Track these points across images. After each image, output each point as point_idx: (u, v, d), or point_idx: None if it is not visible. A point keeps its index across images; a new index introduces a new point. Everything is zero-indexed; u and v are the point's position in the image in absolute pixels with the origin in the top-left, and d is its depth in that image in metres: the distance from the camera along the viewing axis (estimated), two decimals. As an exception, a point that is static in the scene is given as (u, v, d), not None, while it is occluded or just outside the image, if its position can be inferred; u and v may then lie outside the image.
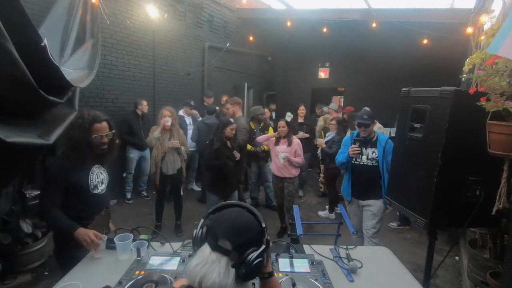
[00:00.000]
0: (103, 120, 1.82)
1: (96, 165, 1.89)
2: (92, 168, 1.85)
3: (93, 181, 1.84)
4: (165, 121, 3.57)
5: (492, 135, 1.44)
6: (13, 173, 2.59)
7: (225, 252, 0.79)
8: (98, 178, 1.89)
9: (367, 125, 2.68)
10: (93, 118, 1.78)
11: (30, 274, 2.89)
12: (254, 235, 0.85)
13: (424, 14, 6.12)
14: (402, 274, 1.56)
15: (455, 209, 1.64)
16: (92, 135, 1.77)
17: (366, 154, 2.71)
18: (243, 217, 0.87)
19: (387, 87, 6.95)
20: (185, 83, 6.58)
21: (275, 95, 9.54)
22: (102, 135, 1.80)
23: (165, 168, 3.65)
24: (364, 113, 2.78)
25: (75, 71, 3.10)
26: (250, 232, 0.84)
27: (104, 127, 1.82)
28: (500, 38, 1.33)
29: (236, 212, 0.89)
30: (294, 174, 3.74)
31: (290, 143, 3.71)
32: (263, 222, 0.88)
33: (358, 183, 2.78)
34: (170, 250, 1.67)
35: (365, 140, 2.73)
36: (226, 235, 0.81)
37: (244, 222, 0.85)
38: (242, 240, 0.81)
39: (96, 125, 1.78)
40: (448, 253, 2.12)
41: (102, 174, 1.93)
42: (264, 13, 7.90)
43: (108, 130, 1.85)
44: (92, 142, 1.77)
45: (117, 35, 5.05)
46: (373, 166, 2.68)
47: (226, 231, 0.82)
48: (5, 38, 1.64)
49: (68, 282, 1.32)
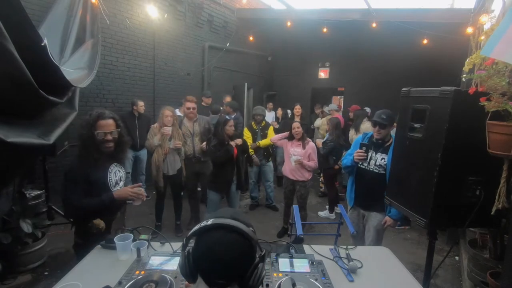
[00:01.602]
0: (109, 117, 1.83)
1: (114, 163, 1.93)
2: (110, 167, 1.89)
3: (112, 180, 1.88)
4: (166, 130, 3.52)
5: (492, 135, 1.44)
6: (13, 173, 2.59)
7: (223, 286, 0.76)
8: (116, 176, 1.93)
9: (383, 126, 2.34)
10: (98, 115, 1.81)
11: (30, 274, 2.89)
12: (247, 259, 0.78)
13: (424, 14, 6.12)
14: (402, 274, 1.56)
15: (455, 209, 1.63)
16: (96, 131, 1.78)
17: (375, 159, 2.39)
18: (229, 246, 0.77)
19: (387, 87, 6.95)
20: (185, 83, 6.58)
21: (275, 95, 9.54)
22: (105, 132, 1.80)
23: (166, 169, 3.65)
24: (383, 111, 2.38)
25: (75, 71, 3.10)
26: (242, 259, 0.78)
27: (109, 124, 1.83)
28: (494, 41, 1.33)
29: (220, 243, 0.77)
30: (307, 178, 3.70)
31: (304, 146, 3.67)
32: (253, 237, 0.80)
33: (362, 190, 2.51)
34: (170, 250, 1.67)
35: (377, 144, 2.41)
36: (218, 273, 0.76)
37: (233, 252, 0.76)
38: (237, 272, 0.77)
39: (100, 121, 1.80)
40: (448, 253, 2.12)
41: (120, 172, 1.97)
42: (264, 13, 7.90)
43: (114, 128, 1.85)
44: (96, 138, 1.78)
45: (117, 35, 5.05)
46: (380, 174, 2.36)
47: (217, 271, 0.76)
48: (5, 38, 1.64)
49: (68, 282, 1.32)
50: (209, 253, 0.77)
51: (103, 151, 1.84)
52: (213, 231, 0.78)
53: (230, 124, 3.33)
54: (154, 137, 3.58)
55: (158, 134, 3.56)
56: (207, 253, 0.77)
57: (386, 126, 2.35)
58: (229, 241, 0.77)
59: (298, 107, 5.60)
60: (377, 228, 2.45)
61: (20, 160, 2.34)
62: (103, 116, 1.82)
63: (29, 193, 3.36)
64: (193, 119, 3.89)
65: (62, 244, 3.44)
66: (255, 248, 0.80)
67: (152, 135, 3.64)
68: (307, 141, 3.70)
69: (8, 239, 2.64)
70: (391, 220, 2.34)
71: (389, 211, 2.35)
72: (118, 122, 1.90)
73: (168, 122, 3.58)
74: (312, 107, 8.17)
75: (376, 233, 2.47)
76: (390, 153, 2.31)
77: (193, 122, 3.89)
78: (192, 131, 3.86)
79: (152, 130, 3.68)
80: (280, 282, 1.34)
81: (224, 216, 0.80)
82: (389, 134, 2.40)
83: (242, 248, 0.78)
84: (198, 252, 0.79)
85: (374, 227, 2.46)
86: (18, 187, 3.10)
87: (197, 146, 3.85)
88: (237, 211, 0.87)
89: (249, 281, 0.76)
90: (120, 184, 1.95)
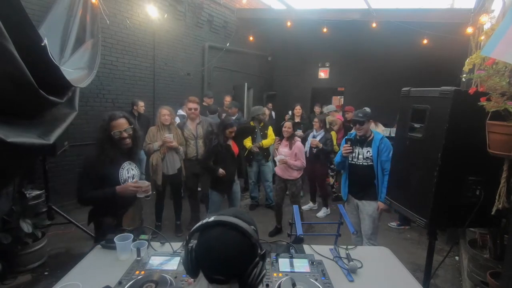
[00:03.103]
0: (119, 117, 1.96)
1: (127, 161, 2.04)
2: (123, 164, 2.00)
3: (123, 176, 1.99)
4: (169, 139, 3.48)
5: (492, 135, 1.44)
6: (13, 173, 2.59)
7: (223, 282, 0.77)
8: (129, 173, 2.03)
9: (361, 123, 2.68)
10: (110, 117, 1.95)
11: (30, 274, 2.89)
12: (246, 258, 0.78)
13: (424, 14, 6.12)
14: (402, 274, 1.56)
15: (455, 209, 1.63)
16: (112, 131, 1.92)
17: (362, 153, 2.74)
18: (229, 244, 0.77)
19: (387, 87, 6.95)
20: (185, 83, 6.58)
21: (275, 95, 9.54)
22: (120, 131, 1.93)
23: (165, 169, 3.64)
24: (360, 111, 2.81)
25: (75, 71, 3.10)
26: (242, 257, 0.78)
27: (121, 123, 1.95)
28: (495, 41, 1.33)
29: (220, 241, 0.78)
30: (295, 177, 3.71)
31: (291, 146, 3.69)
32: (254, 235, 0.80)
33: (354, 182, 2.82)
34: (170, 250, 1.67)
35: (361, 140, 2.75)
36: (218, 270, 0.77)
37: (232, 250, 0.77)
38: (236, 270, 0.77)
39: (113, 122, 1.94)
40: (448, 253, 2.12)
41: (133, 170, 2.07)
42: (264, 13, 7.90)
43: (128, 125, 1.98)
44: (113, 138, 1.92)
45: (117, 35, 5.05)
46: (368, 166, 2.70)
47: (217, 268, 0.77)
48: (5, 38, 1.64)
49: (68, 282, 1.32)
50: (209, 249, 0.78)
51: (121, 148, 1.97)
52: (214, 228, 0.79)
53: (231, 131, 3.33)
54: (155, 142, 3.54)
55: (160, 141, 3.53)
56: (207, 250, 0.78)
57: (364, 123, 2.69)
58: (228, 238, 0.78)
59: (299, 108, 5.58)
60: (373, 216, 2.73)
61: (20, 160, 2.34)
62: (114, 117, 1.95)
63: (29, 193, 3.36)
64: (195, 120, 3.88)
65: (62, 244, 3.45)
66: (255, 246, 0.80)
67: (150, 138, 3.58)
68: (294, 141, 3.71)
69: (8, 239, 2.64)
70: (382, 204, 2.62)
71: (380, 197, 2.64)
72: (129, 120, 2.02)
73: (166, 120, 3.57)
74: (312, 107, 8.17)
75: (372, 221, 2.73)
76: (373, 145, 2.69)
77: (196, 124, 3.87)
78: (196, 134, 3.85)
79: (150, 133, 3.61)
80: (280, 282, 1.34)
81: (227, 214, 0.81)
82: (369, 130, 2.76)
83: (242, 246, 0.78)
84: (199, 248, 0.80)
85: (370, 215, 2.73)
86: (18, 187, 3.11)
87: (200, 148, 3.84)
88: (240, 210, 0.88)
89: (248, 279, 0.77)
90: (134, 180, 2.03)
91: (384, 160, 2.62)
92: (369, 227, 2.74)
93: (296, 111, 5.59)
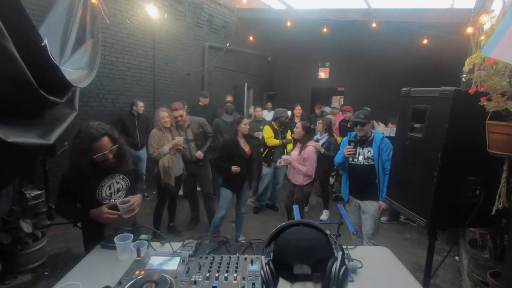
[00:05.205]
0: (101, 136, 1.65)
1: (111, 175, 1.78)
2: (102, 181, 1.76)
3: (101, 194, 1.76)
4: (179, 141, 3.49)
5: (492, 135, 1.44)
6: (13, 173, 2.59)
7: (306, 278, 0.75)
8: (112, 189, 1.80)
9: (362, 124, 2.68)
10: (90, 137, 1.62)
11: (30, 274, 2.89)
12: (325, 246, 0.80)
13: (424, 14, 6.12)
14: (402, 274, 1.56)
15: (455, 209, 1.63)
16: (93, 155, 1.63)
17: (362, 153, 2.74)
18: (304, 234, 0.81)
19: (387, 87, 6.95)
20: (185, 83, 6.58)
21: (275, 95, 9.54)
22: (104, 153, 1.66)
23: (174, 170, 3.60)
24: (360, 112, 2.80)
25: (75, 71, 3.10)
26: (320, 245, 0.79)
27: (104, 143, 1.66)
28: (494, 41, 1.33)
29: (295, 233, 0.82)
30: (301, 183, 3.56)
31: (301, 151, 3.53)
32: (326, 230, 0.83)
33: (355, 182, 2.82)
34: (170, 250, 1.66)
35: (362, 140, 2.75)
36: (300, 259, 0.76)
37: (309, 239, 0.80)
38: (318, 257, 0.77)
39: (94, 144, 1.63)
40: (448, 253, 2.12)
41: (118, 183, 1.82)
42: (264, 13, 7.90)
43: (111, 144, 1.69)
44: (95, 162, 1.66)
45: (117, 35, 5.06)
46: (369, 165, 2.70)
47: (298, 256, 0.77)
48: (5, 37, 1.63)
49: (68, 282, 1.32)
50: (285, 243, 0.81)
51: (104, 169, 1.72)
52: (289, 228, 0.84)
53: (245, 123, 3.29)
54: (164, 146, 3.49)
55: (170, 144, 3.50)
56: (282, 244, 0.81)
57: (365, 124, 2.70)
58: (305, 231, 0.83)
59: (299, 108, 5.51)
60: (374, 216, 2.75)
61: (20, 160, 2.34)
62: (95, 137, 1.63)
63: (29, 193, 3.36)
64: (184, 126, 3.80)
65: (62, 244, 3.45)
66: (330, 242, 0.83)
67: (157, 143, 3.50)
68: (306, 146, 3.53)
69: (8, 239, 2.64)
70: (384, 204, 2.63)
71: (381, 197, 2.65)
72: (113, 136, 1.72)
73: (166, 123, 3.54)
74: (312, 107, 8.16)
75: (373, 221, 2.76)
76: (374, 145, 2.70)
77: (185, 129, 3.82)
78: (186, 138, 3.80)
79: (155, 136, 3.53)
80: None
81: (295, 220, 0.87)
82: (370, 130, 2.77)
83: (316, 235, 0.82)
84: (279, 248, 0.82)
85: (371, 215, 2.75)
86: (18, 187, 3.11)
87: (193, 150, 3.83)
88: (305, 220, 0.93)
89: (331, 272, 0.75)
90: (118, 194, 1.84)
91: (385, 160, 2.63)
92: (370, 227, 2.76)
93: (296, 111, 5.55)
